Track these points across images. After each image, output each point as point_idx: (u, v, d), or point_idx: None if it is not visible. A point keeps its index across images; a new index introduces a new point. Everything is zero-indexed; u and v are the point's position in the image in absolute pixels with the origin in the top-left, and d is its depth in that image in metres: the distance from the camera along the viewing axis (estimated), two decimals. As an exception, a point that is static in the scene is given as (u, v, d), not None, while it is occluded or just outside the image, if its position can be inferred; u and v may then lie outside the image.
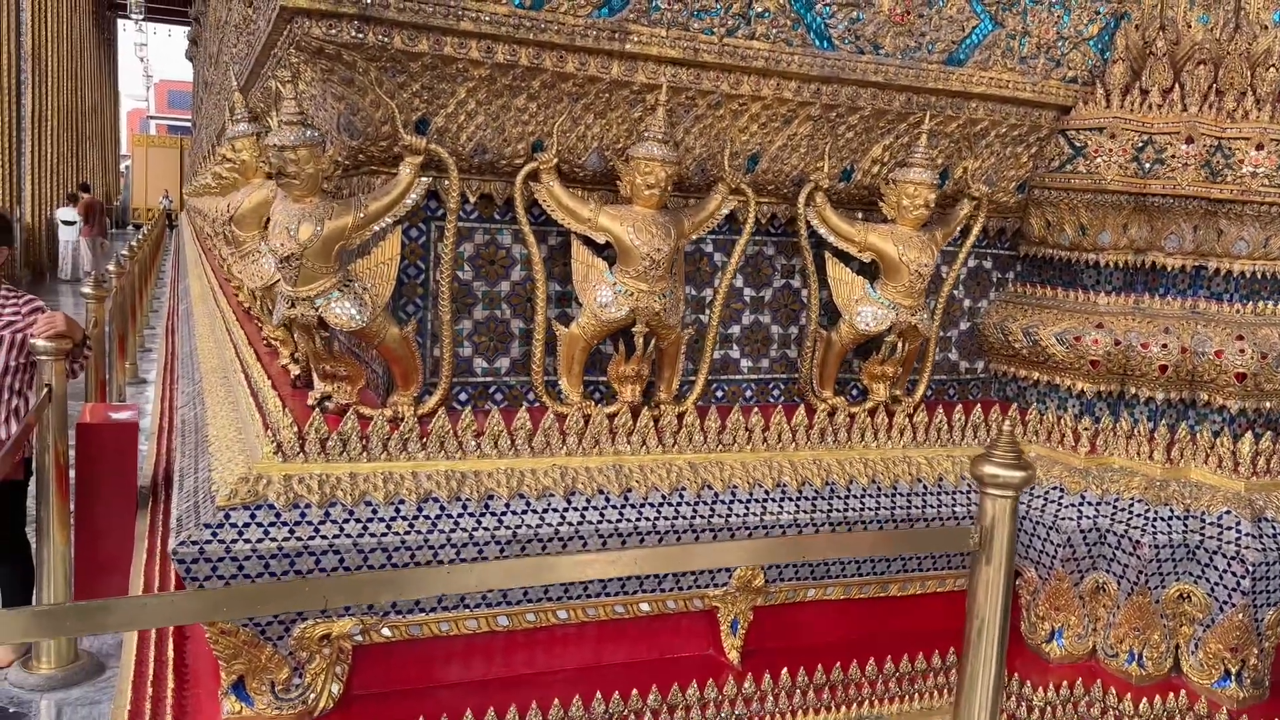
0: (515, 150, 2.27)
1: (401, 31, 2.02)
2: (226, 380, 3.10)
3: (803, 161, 2.50)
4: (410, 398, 2.23)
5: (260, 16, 2.41)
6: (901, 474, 2.48)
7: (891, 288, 2.49)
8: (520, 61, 2.13)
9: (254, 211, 2.51)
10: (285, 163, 1.97)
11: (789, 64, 2.32)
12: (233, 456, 2.13)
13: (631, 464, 2.26)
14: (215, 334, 4.23)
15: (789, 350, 2.73)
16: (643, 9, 2.17)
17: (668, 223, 2.28)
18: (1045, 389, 2.80)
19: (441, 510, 2.04)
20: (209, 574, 1.85)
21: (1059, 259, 2.81)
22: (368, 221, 2.07)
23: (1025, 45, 2.56)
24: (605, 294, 2.29)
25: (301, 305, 2.06)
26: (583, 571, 1.67)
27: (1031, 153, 2.72)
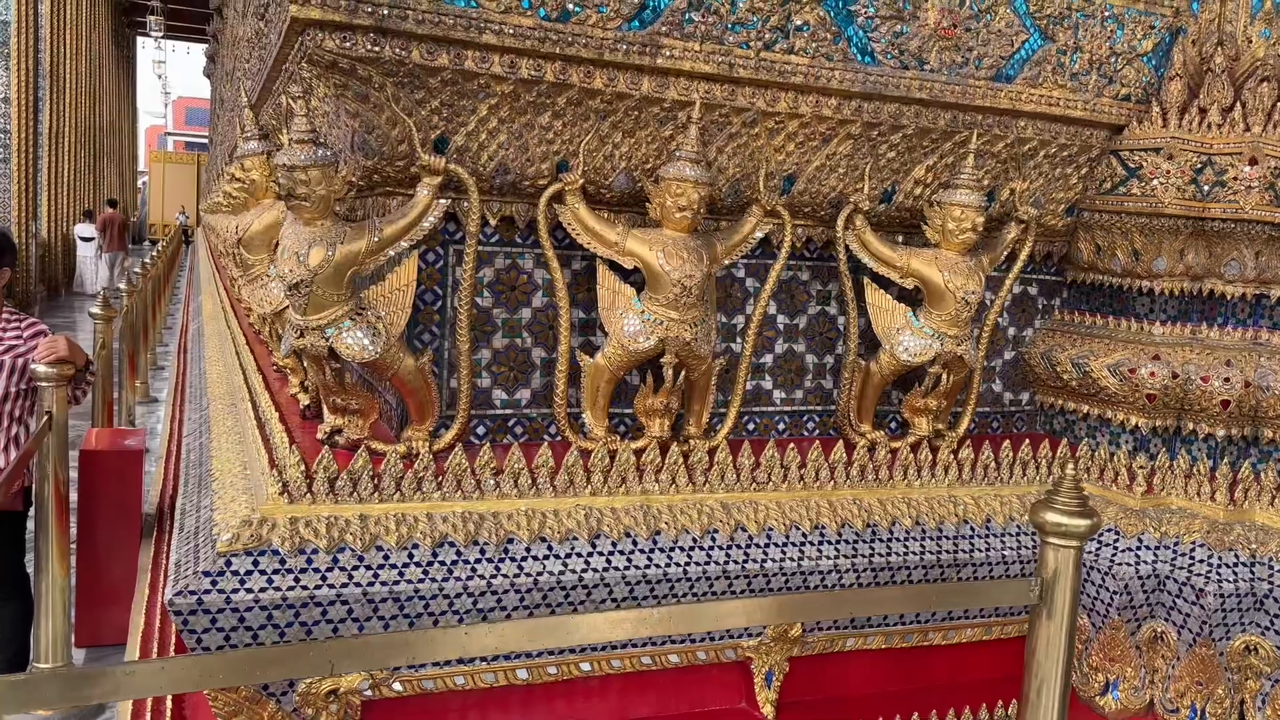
0: (539, 170, 2.14)
1: (420, 45, 1.89)
2: (234, 408, 2.97)
3: (841, 182, 2.37)
4: (425, 432, 2.10)
5: (271, 30, 2.29)
6: (947, 515, 2.33)
7: (936, 316, 2.35)
8: (545, 77, 2.00)
9: (263, 233, 2.38)
10: (295, 183, 1.85)
11: (829, 80, 2.18)
12: (235, 496, 2.00)
13: (660, 504, 2.11)
14: (225, 357, 4.12)
15: (824, 381, 2.58)
16: (675, 22, 2.05)
17: (700, 247, 2.15)
18: (1096, 423, 2.65)
19: (458, 556, 1.90)
20: (207, 626, 1.71)
21: (1109, 285, 2.66)
22: (383, 246, 1.94)
23: (1076, 61, 2.42)
24: (633, 323, 2.15)
25: (311, 335, 1.93)
26: (610, 632, 1.53)
27: (1082, 174, 2.58)
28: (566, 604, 1.96)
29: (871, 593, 2.05)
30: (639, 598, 2.02)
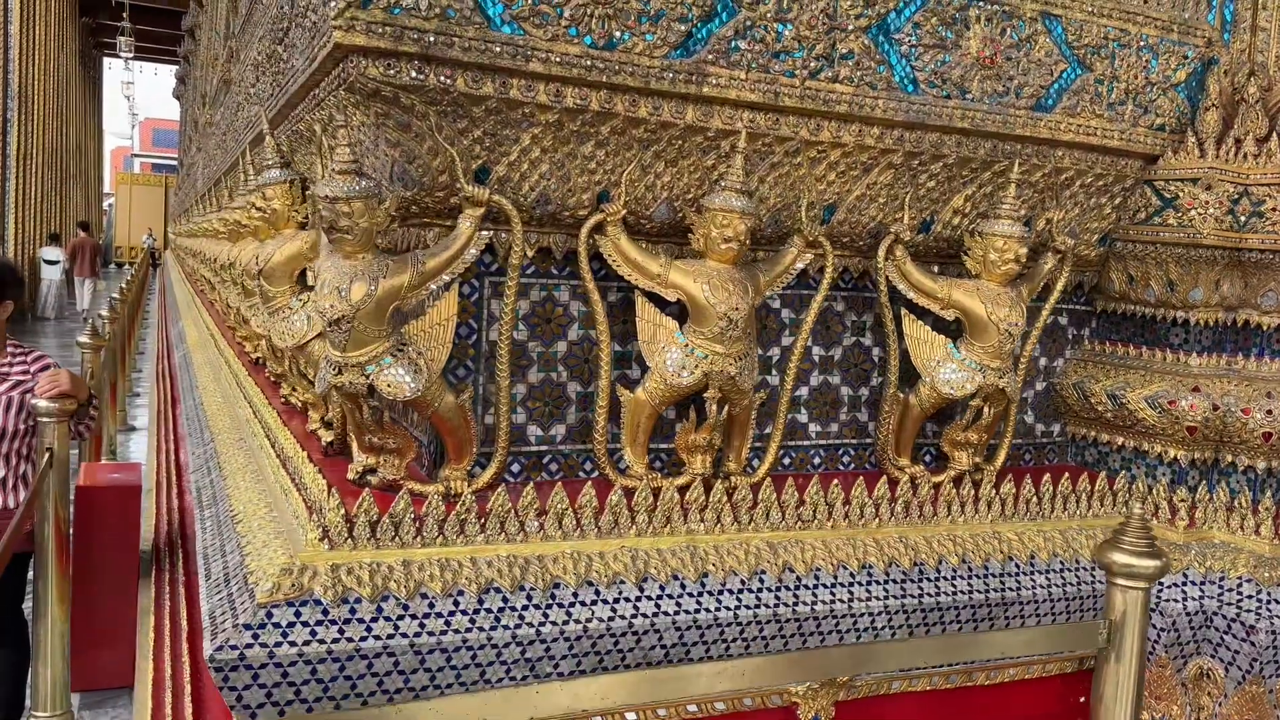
0: (579, 201, 2.08)
1: (465, 73, 1.83)
2: (244, 443, 2.87)
3: (881, 212, 2.33)
4: (463, 471, 2.02)
5: (297, 55, 2.22)
6: (992, 552, 2.28)
7: (978, 348, 2.31)
8: (591, 106, 1.94)
9: (286, 264, 2.30)
10: (338, 216, 1.77)
11: (872, 108, 2.15)
12: (268, 541, 1.90)
13: (706, 544, 2.04)
14: (222, 387, 4.01)
15: (859, 414, 2.53)
16: (722, 50, 2.00)
17: (744, 279, 2.09)
18: (1131, 455, 2.61)
19: (505, 603, 1.82)
20: (249, 683, 1.62)
21: (1142, 315, 2.63)
22: (425, 279, 1.87)
23: (1113, 91, 2.40)
24: (676, 356, 2.09)
25: (350, 372, 1.85)
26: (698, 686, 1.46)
27: (1115, 204, 2.56)
28: (615, 651, 1.88)
29: (950, 639, 1.99)
30: (688, 644, 1.94)
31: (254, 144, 3.35)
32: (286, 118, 2.62)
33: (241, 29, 5.48)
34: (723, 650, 1.97)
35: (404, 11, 1.74)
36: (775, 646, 2.02)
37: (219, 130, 5.54)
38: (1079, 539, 2.41)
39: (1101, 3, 2.34)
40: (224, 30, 9.39)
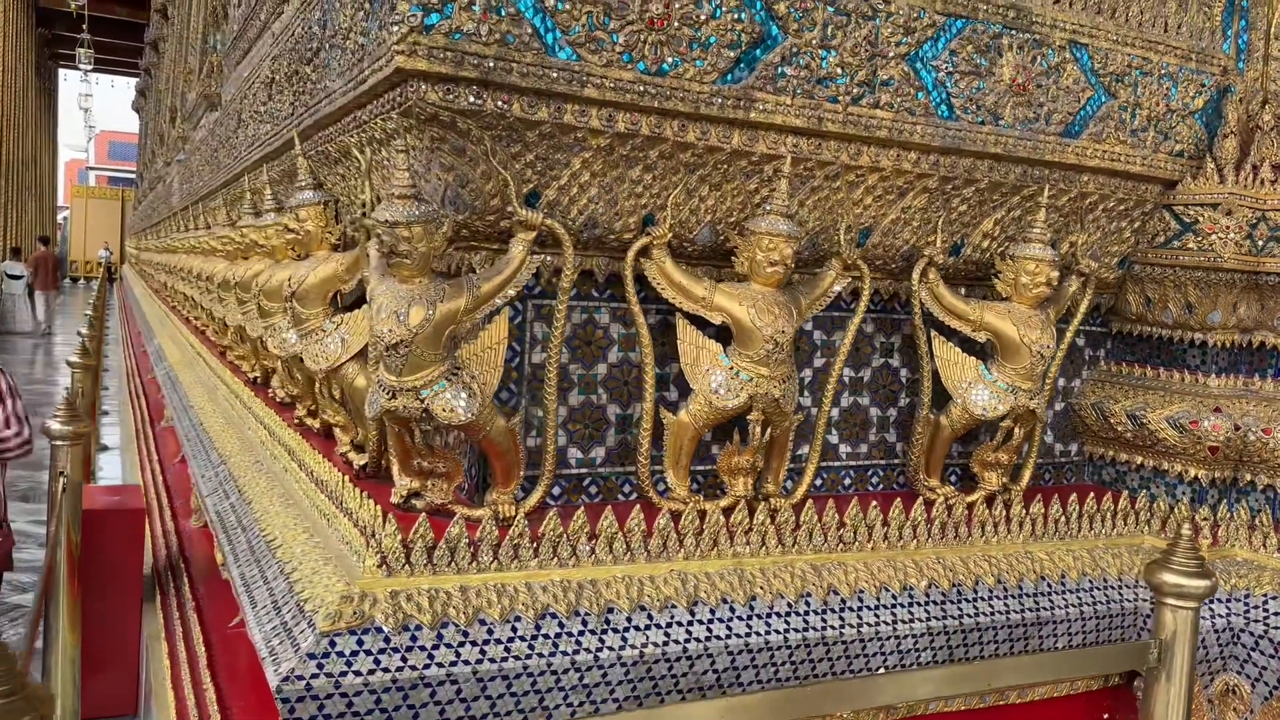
0: (625, 224, 2.08)
1: (522, 98, 1.83)
2: (261, 465, 2.83)
3: (915, 236, 2.36)
4: (511, 495, 2.01)
5: (333, 77, 2.21)
6: (1025, 572, 2.30)
7: (1010, 370, 2.34)
8: (641, 130, 1.96)
9: (320, 287, 2.28)
10: (398, 240, 1.76)
11: (911, 134, 2.18)
12: (318, 568, 1.88)
13: (753, 567, 2.05)
14: (221, 407, 3.95)
15: (887, 434, 2.55)
16: (769, 76, 2.02)
17: (788, 302, 2.11)
18: (1150, 474, 2.66)
19: (561, 628, 1.81)
20: (314, 713, 1.59)
21: (1158, 337, 2.68)
22: (480, 303, 1.86)
23: (1136, 118, 2.45)
24: (721, 379, 2.10)
25: (404, 396, 1.84)
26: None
27: (1134, 227, 2.61)
28: (669, 676, 1.88)
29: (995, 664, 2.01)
30: (739, 668, 1.94)
31: (266, 162, 3.32)
32: (310, 138, 2.60)
33: (231, 45, 5.43)
34: (772, 674, 1.98)
35: (464, 37, 1.74)
36: (823, 670, 2.02)
37: (206, 146, 5.47)
38: (1105, 558, 2.44)
39: (1125, 32, 2.40)
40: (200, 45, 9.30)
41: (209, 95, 7.02)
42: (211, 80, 7.07)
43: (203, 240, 4.97)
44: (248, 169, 3.70)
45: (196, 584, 3.33)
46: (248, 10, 4.72)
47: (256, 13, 4.49)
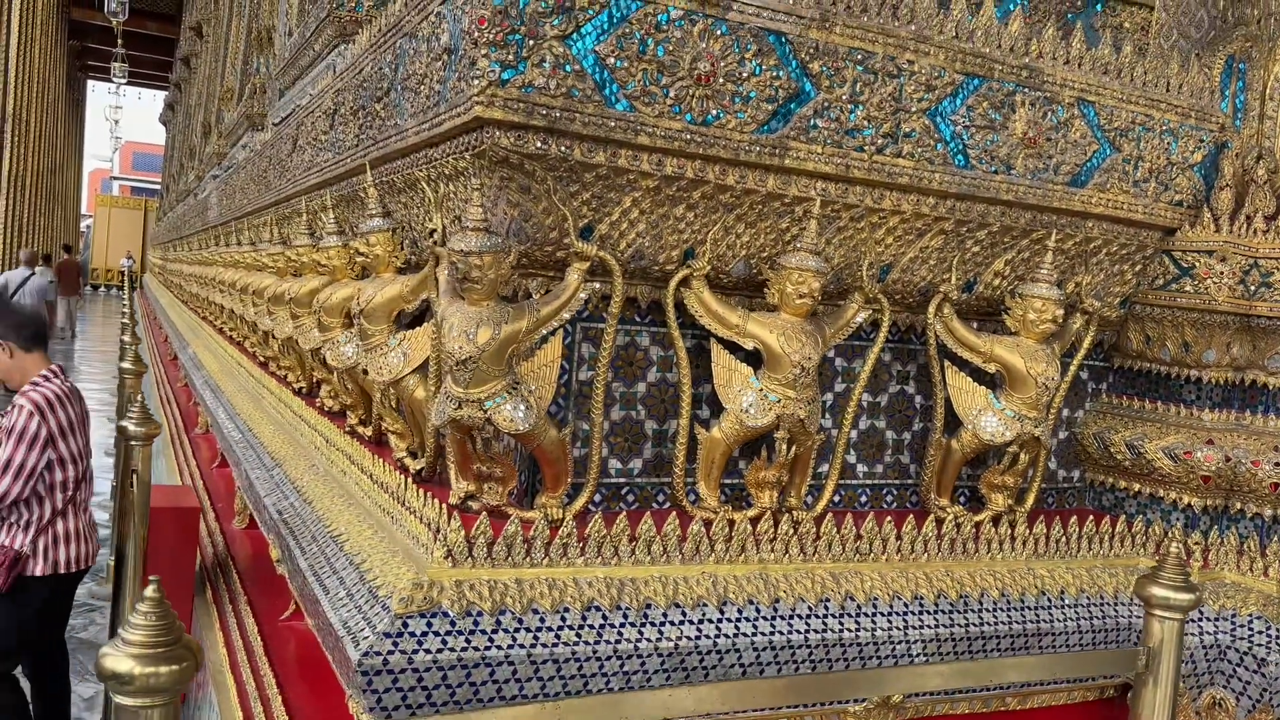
0: (669, 257, 2.30)
1: (582, 144, 2.05)
2: (317, 468, 3.04)
3: (931, 273, 2.56)
4: (559, 499, 2.21)
5: (405, 116, 2.43)
6: (1028, 586, 2.49)
7: (1018, 399, 2.53)
8: (686, 174, 2.17)
9: (386, 306, 2.50)
10: (470, 268, 1.98)
11: (930, 181, 2.39)
12: (386, 559, 2.08)
13: (777, 573, 2.24)
14: (269, 414, 4.17)
15: (901, 456, 2.75)
16: (803, 127, 2.23)
17: (815, 331, 2.31)
18: (1146, 501, 2.85)
19: (604, 620, 2.01)
20: (388, 686, 1.79)
21: (1157, 373, 2.88)
22: (539, 325, 2.08)
23: (1139, 170, 2.66)
24: (752, 400, 2.30)
25: (469, 407, 2.05)
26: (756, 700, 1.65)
27: (1136, 270, 2.81)
28: (700, 668, 2.07)
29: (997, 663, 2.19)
30: (763, 663, 2.14)
31: (325, 187, 3.55)
32: (377, 168, 2.82)
33: (282, 71, 5.71)
34: (792, 670, 2.17)
35: (535, 90, 1.96)
36: (838, 668, 2.21)
37: (253, 166, 5.71)
38: (1103, 576, 2.62)
39: (1130, 90, 2.61)
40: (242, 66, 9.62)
41: (252, 116, 7.31)
42: (254, 101, 7.37)
43: (251, 256, 5.20)
44: (303, 191, 3.94)
45: (246, 580, 3.54)
46: (300, 41, 4.99)
47: (310, 43, 4.76)
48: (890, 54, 2.29)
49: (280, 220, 4.75)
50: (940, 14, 2.36)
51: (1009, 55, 2.44)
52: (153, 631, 1.38)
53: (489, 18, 1.91)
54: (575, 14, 1.98)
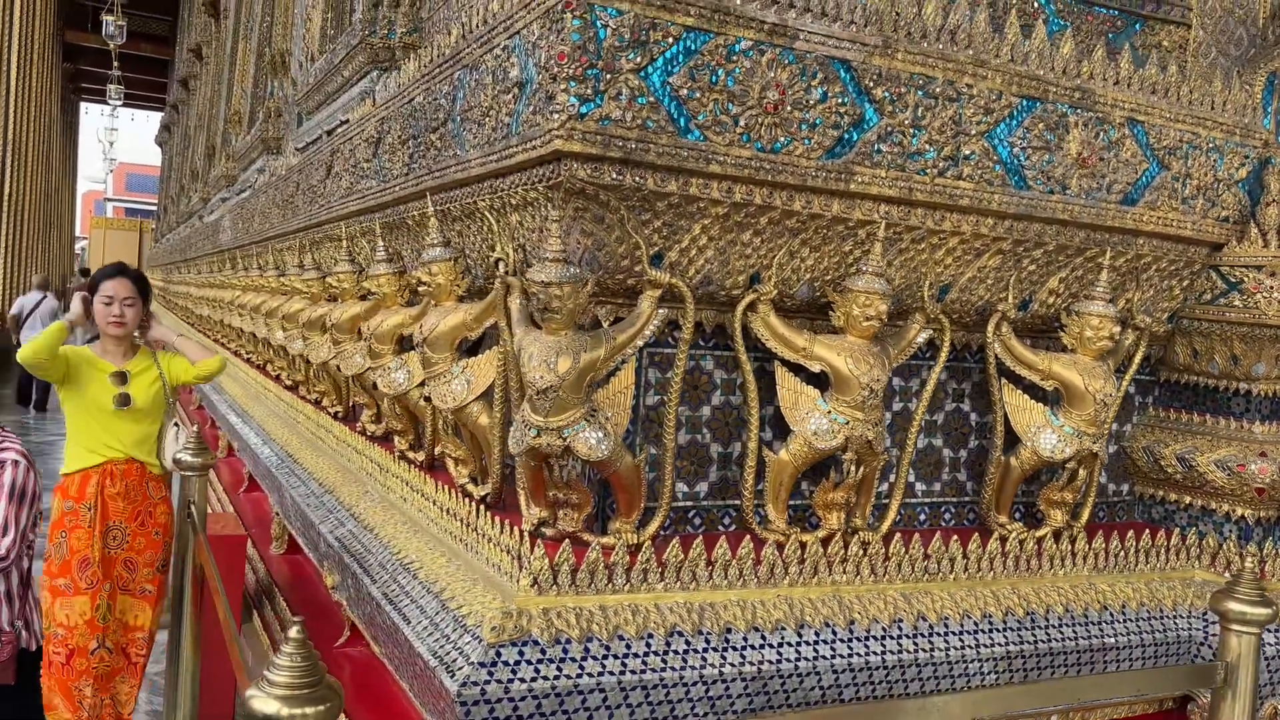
0: (735, 282, 2.32)
1: (655, 174, 2.08)
2: (371, 494, 3.06)
3: (989, 292, 2.59)
4: (633, 524, 2.23)
5: (466, 147, 2.45)
6: (1090, 602, 2.51)
7: (1076, 415, 2.56)
8: (754, 200, 2.20)
9: (449, 334, 2.51)
10: (550, 298, 2.00)
11: (989, 202, 2.42)
12: (469, 588, 2.10)
13: (850, 594, 2.26)
14: (305, 438, 4.18)
15: (959, 474, 2.77)
16: (866, 152, 2.26)
17: (880, 353, 2.34)
18: (1198, 513, 2.87)
19: (687, 645, 2.03)
20: (485, 716, 1.81)
21: (1205, 386, 2.91)
22: (615, 353, 2.10)
23: (1187, 187, 2.69)
24: (820, 422, 2.32)
25: (549, 435, 2.06)
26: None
27: (1184, 285, 2.84)
28: (782, 692, 2.09)
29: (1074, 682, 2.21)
30: (842, 685, 2.15)
31: (367, 214, 3.57)
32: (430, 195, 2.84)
33: (305, 96, 5.73)
34: (870, 692, 2.18)
35: (612, 123, 1.99)
36: (914, 690, 2.23)
37: (276, 190, 5.73)
38: (1161, 589, 2.65)
39: (1177, 109, 2.64)
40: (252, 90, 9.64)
41: (267, 140, 7.33)
42: (269, 125, 7.39)
43: (278, 281, 5.21)
44: (340, 217, 3.95)
45: (294, 607, 3.55)
46: (327, 66, 5.02)
47: (339, 69, 4.79)
48: (950, 78, 2.33)
49: (310, 244, 4.77)
50: (996, 38, 2.40)
51: (1062, 77, 2.47)
52: (297, 673, 1.40)
53: (568, 53, 1.93)
54: (650, 47, 2.01)
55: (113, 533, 3.69)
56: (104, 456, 3.75)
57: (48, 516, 3.69)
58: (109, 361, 3.85)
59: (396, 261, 3.13)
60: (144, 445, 3.85)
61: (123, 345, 3.89)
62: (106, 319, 3.81)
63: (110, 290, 3.82)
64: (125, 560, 3.72)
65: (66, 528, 3.64)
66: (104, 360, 3.84)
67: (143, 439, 3.85)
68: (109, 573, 3.67)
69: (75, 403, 3.78)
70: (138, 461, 3.81)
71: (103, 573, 3.64)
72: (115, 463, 3.76)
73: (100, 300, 3.81)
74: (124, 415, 3.73)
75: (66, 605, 3.58)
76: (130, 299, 3.84)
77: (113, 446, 3.77)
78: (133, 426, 3.80)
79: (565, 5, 1.92)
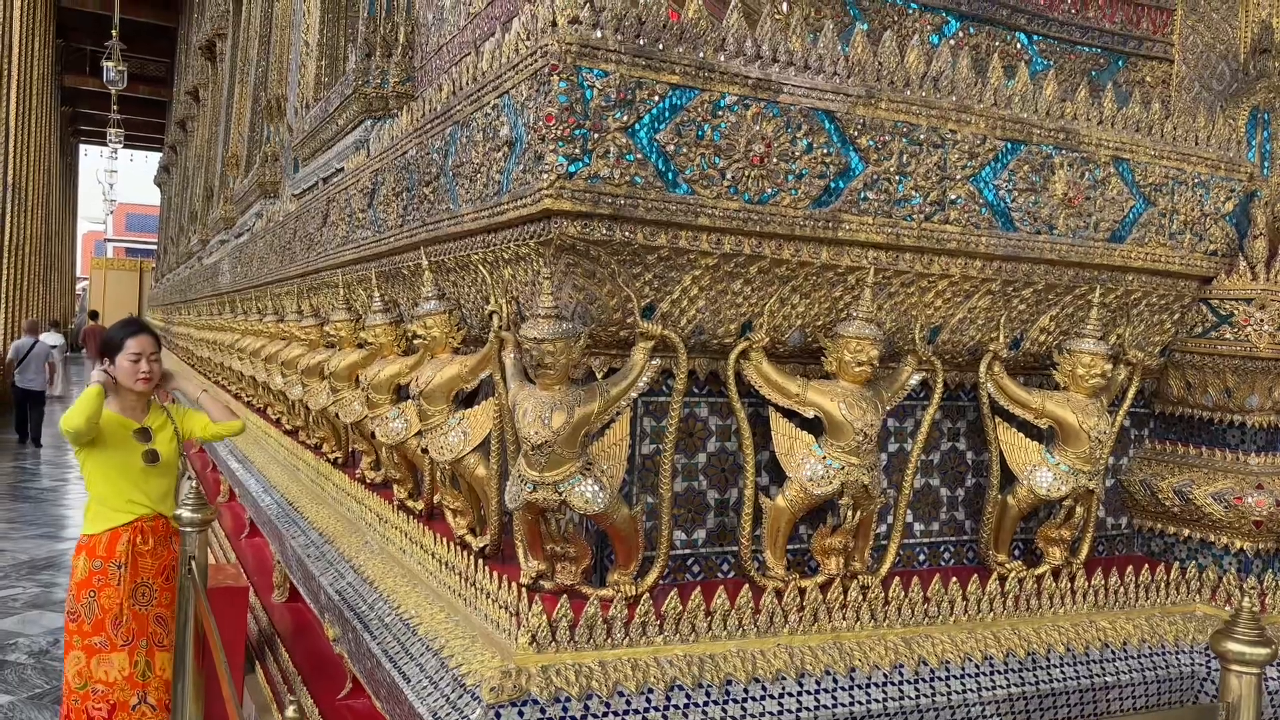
0: (727, 330, 2.34)
1: (644, 228, 2.10)
2: (370, 545, 3.06)
3: (980, 332, 2.61)
4: (630, 575, 2.24)
5: (459, 202, 2.48)
6: (1092, 640, 2.51)
7: (1071, 454, 2.57)
8: (744, 251, 2.22)
9: (445, 386, 2.53)
10: (544, 355, 2.02)
11: (976, 245, 2.44)
12: (468, 645, 2.10)
13: (850, 641, 2.26)
14: (307, 486, 4.18)
15: (956, 513, 2.78)
16: (853, 200, 2.29)
17: (873, 397, 2.35)
18: (1197, 546, 2.87)
19: (688, 699, 2.03)
20: (486, 777, 1.80)
21: (1200, 418, 2.92)
22: (609, 405, 2.11)
23: (1174, 222, 2.72)
24: (816, 468, 2.33)
25: (545, 490, 2.08)
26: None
27: (1174, 319, 2.86)
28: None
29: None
30: (846, 732, 2.15)
31: (363, 263, 3.59)
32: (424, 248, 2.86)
33: (301, 142, 5.78)
34: (872, 738, 2.18)
35: (600, 180, 2.02)
36: (916, 733, 2.22)
37: (274, 236, 5.76)
38: (1162, 625, 2.64)
39: (1162, 146, 2.67)
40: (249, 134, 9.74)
41: (264, 184, 7.38)
42: (266, 169, 7.45)
43: (277, 327, 5.24)
44: (336, 265, 3.98)
45: (296, 657, 3.54)
46: (322, 115, 5.07)
47: (334, 118, 4.84)
48: (934, 125, 2.36)
49: (308, 290, 4.80)
50: (979, 83, 2.43)
51: (1046, 119, 2.50)
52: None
53: (556, 115, 1.96)
54: (636, 105, 2.04)
55: (141, 590, 3.71)
56: (134, 514, 3.78)
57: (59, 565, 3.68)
58: (130, 418, 3.87)
59: (392, 311, 3.16)
60: (167, 500, 3.88)
61: (142, 400, 3.92)
62: (135, 376, 3.83)
63: (137, 347, 3.84)
64: (156, 616, 3.74)
65: (95, 586, 3.66)
66: (126, 417, 3.86)
67: (166, 493, 3.88)
68: (143, 629, 3.69)
69: (101, 463, 3.80)
70: (163, 517, 3.83)
71: (136, 629, 3.66)
72: (144, 519, 3.79)
73: (127, 357, 3.83)
74: (152, 471, 3.75)
75: (105, 662, 3.60)
76: (155, 354, 3.88)
77: (141, 503, 3.80)
78: (159, 481, 3.84)
79: (552, 68, 1.95)
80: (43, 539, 8.54)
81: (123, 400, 3.89)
